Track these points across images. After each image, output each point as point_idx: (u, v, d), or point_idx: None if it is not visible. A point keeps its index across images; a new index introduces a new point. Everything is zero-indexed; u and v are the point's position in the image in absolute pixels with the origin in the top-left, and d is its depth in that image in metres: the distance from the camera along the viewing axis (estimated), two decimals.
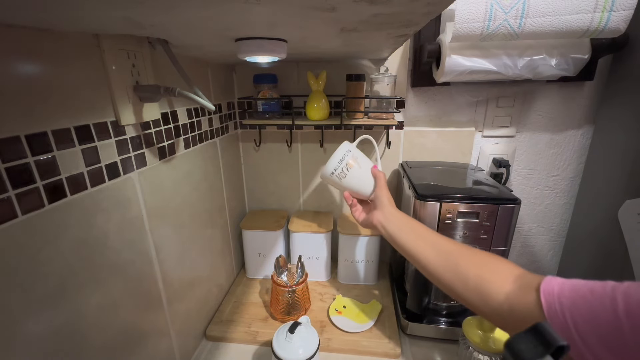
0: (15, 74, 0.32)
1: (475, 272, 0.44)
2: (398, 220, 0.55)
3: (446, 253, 0.48)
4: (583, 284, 0.33)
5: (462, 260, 0.46)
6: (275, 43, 0.43)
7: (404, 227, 0.54)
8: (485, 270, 0.43)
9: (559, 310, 0.33)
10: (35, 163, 0.33)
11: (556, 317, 0.33)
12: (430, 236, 0.51)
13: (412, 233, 0.52)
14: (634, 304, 0.28)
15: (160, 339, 0.56)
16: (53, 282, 0.35)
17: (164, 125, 0.56)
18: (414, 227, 0.53)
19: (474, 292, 0.43)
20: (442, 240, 0.50)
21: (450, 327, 0.68)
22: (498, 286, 0.41)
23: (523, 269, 0.42)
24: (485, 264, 0.45)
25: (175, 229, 0.59)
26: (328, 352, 0.67)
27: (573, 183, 0.86)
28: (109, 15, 0.30)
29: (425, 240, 0.51)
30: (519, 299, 0.38)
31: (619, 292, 0.30)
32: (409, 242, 0.52)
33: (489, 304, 0.41)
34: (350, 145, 0.65)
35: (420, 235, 0.52)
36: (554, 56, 0.65)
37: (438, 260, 0.48)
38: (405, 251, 0.52)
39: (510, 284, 0.40)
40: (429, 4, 0.28)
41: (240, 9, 0.28)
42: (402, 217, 0.55)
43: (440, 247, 0.49)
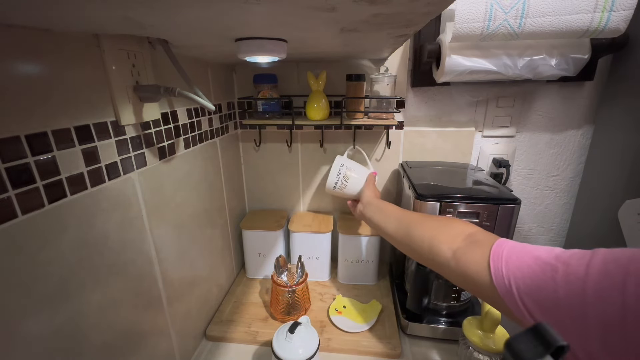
0: (16, 74, 0.32)
1: (428, 233, 0.47)
2: (373, 206, 0.63)
3: (407, 223, 0.53)
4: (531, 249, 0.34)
5: (419, 225, 0.50)
6: (275, 43, 0.43)
7: (377, 210, 0.62)
8: (437, 230, 0.47)
9: (504, 273, 0.34)
10: (35, 163, 0.33)
11: (501, 280, 0.34)
12: (397, 213, 0.57)
13: (381, 213, 0.60)
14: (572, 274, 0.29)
15: (160, 339, 0.56)
16: (53, 282, 0.35)
17: (164, 125, 0.56)
18: (385, 208, 0.61)
19: (426, 250, 0.46)
20: (407, 213, 0.56)
21: (450, 327, 0.68)
22: (447, 243, 0.44)
23: (479, 228, 0.45)
24: (439, 224, 0.48)
25: (175, 229, 0.59)
26: (328, 352, 0.67)
27: (573, 183, 0.86)
28: (109, 15, 0.30)
29: (392, 217, 0.57)
30: (465, 254, 0.40)
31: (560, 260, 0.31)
32: (379, 220, 0.59)
33: (438, 259, 0.44)
34: (343, 159, 0.76)
35: (387, 213, 0.59)
36: (554, 56, 0.65)
37: (400, 230, 0.53)
38: (378, 229, 0.60)
39: (460, 241, 0.43)
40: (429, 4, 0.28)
41: (240, 9, 0.28)
42: (378, 203, 0.63)
43: (403, 220, 0.54)
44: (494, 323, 0.55)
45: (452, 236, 0.44)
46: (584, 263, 0.29)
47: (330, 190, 0.76)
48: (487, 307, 0.56)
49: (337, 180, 0.73)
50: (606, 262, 0.27)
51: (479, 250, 0.39)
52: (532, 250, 0.34)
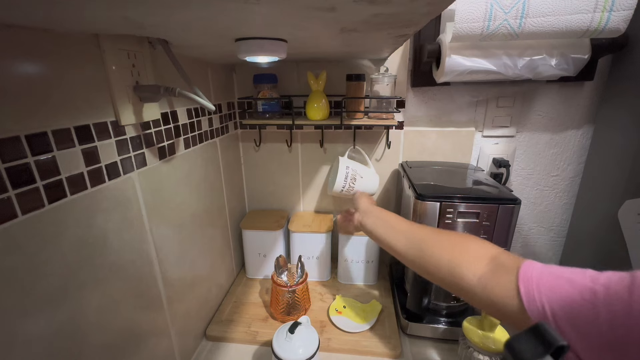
0: (16, 74, 0.32)
1: (447, 255, 0.44)
2: (374, 216, 0.57)
3: (418, 241, 0.49)
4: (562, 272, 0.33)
5: (435, 245, 0.46)
6: (275, 43, 0.43)
7: (378, 221, 0.56)
8: (457, 252, 0.44)
9: (537, 297, 0.33)
10: (35, 163, 0.33)
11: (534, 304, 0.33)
12: (402, 226, 0.53)
13: (386, 225, 0.54)
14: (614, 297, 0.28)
15: (160, 339, 0.56)
16: (53, 282, 0.35)
17: (164, 125, 0.56)
18: (388, 219, 0.55)
19: (447, 274, 0.43)
20: (414, 228, 0.51)
21: (450, 327, 0.68)
22: (471, 268, 0.41)
23: (500, 249, 0.42)
24: (457, 245, 0.45)
25: (175, 229, 0.59)
26: (328, 352, 0.67)
27: (573, 183, 0.86)
28: (109, 15, 0.30)
29: (397, 231, 0.52)
30: (492, 281, 0.38)
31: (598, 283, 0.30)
32: (384, 234, 0.54)
33: (462, 285, 0.41)
34: (347, 161, 0.75)
35: (393, 226, 0.54)
36: (554, 56, 0.65)
37: (413, 249, 0.49)
38: (382, 243, 0.54)
39: (484, 265, 0.40)
40: (429, 4, 0.28)
41: (240, 9, 0.28)
42: (378, 212, 0.58)
43: (412, 235, 0.50)
44: (494, 323, 0.55)
45: (474, 259, 0.42)
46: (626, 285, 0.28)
47: (336, 193, 0.76)
48: None
49: (345, 184, 0.74)
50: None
51: (506, 275, 0.37)
52: (563, 272, 0.33)
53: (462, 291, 0.42)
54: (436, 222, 0.62)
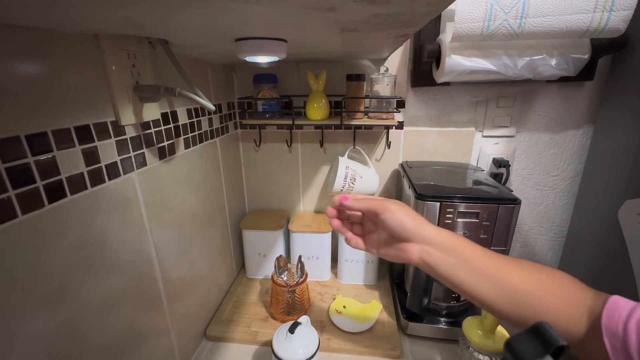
0: (16, 74, 0.32)
1: (552, 314, 0.37)
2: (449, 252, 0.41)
3: (513, 293, 0.39)
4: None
5: (536, 299, 0.38)
6: (275, 43, 0.43)
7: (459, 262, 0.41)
8: (560, 309, 0.37)
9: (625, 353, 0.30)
10: (35, 163, 0.33)
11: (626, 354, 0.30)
12: (489, 270, 0.40)
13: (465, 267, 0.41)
14: None
15: (160, 339, 0.56)
16: (53, 282, 0.35)
17: (164, 125, 0.56)
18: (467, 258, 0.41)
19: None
20: (504, 273, 0.40)
21: (450, 327, 0.68)
22: (573, 328, 0.36)
23: (591, 293, 0.37)
24: (561, 300, 0.38)
25: (175, 229, 0.59)
26: (328, 352, 0.67)
27: (573, 183, 0.86)
28: (109, 15, 0.30)
29: (483, 277, 0.40)
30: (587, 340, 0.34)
31: None
32: (467, 282, 0.40)
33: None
34: (347, 161, 0.75)
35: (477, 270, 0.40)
36: (554, 56, 0.65)
37: (503, 300, 0.39)
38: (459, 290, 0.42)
39: (584, 323, 0.35)
40: (429, 4, 0.28)
41: (240, 9, 0.28)
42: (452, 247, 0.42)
43: (505, 286, 0.39)
44: (494, 323, 0.55)
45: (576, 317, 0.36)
46: None
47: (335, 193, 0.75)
48: None
49: (345, 184, 0.74)
50: None
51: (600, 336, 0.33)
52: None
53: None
54: (436, 222, 0.62)
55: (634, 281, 0.63)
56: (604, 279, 0.72)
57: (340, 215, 0.49)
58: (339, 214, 0.49)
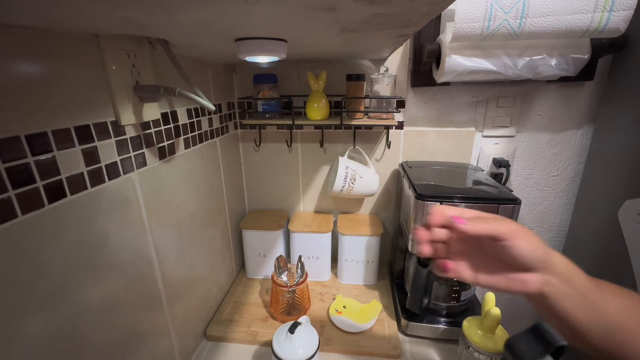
0: (16, 74, 0.32)
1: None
2: (561, 279, 0.35)
3: (610, 323, 0.34)
4: None
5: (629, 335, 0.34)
6: (275, 43, 0.43)
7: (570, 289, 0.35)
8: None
9: None
10: (35, 163, 0.33)
11: None
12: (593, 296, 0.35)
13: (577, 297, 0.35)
14: None
15: (160, 339, 0.56)
16: (53, 282, 0.35)
17: (164, 125, 0.56)
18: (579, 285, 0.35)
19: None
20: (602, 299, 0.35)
21: (450, 327, 0.68)
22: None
23: None
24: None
25: (175, 229, 0.59)
26: (328, 352, 0.67)
27: (573, 183, 0.86)
28: (109, 15, 0.30)
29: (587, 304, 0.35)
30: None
31: None
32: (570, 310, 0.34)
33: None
34: (347, 161, 0.75)
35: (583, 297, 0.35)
36: (554, 56, 0.65)
37: (599, 333, 0.34)
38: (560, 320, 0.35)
39: None
40: (429, 4, 0.28)
41: (240, 9, 0.28)
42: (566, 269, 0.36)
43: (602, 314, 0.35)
44: (494, 323, 0.55)
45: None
46: None
47: (336, 194, 0.75)
48: (487, 307, 0.56)
49: (345, 184, 0.74)
50: None
51: None
52: None
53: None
54: None
55: (634, 281, 0.63)
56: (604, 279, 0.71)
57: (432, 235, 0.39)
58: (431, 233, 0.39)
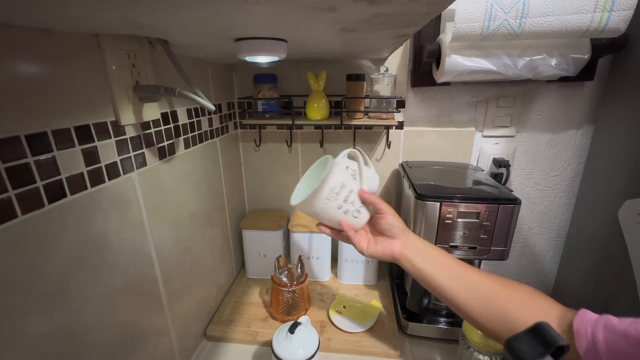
0: (15, 74, 0.32)
1: (523, 317, 0.40)
2: (424, 252, 0.49)
3: (486, 294, 0.44)
4: (615, 325, 0.33)
5: (507, 303, 0.42)
6: (275, 43, 0.43)
7: (432, 261, 0.48)
8: (533, 314, 0.40)
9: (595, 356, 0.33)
10: (35, 163, 0.33)
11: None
12: (463, 272, 0.46)
13: (443, 269, 0.47)
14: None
15: (160, 339, 0.56)
16: (53, 282, 0.35)
17: (164, 125, 0.56)
18: (443, 261, 0.48)
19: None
20: (476, 276, 0.45)
21: (450, 327, 0.68)
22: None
23: (560, 306, 0.41)
24: (531, 304, 0.42)
25: (175, 229, 0.59)
26: (328, 352, 0.67)
27: (573, 183, 0.86)
28: (109, 15, 0.30)
29: (458, 279, 0.46)
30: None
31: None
32: (439, 280, 0.46)
33: None
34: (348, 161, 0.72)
35: (451, 271, 0.46)
36: (554, 56, 0.65)
37: (478, 303, 0.43)
38: (434, 289, 0.47)
39: (557, 328, 0.37)
40: (429, 4, 0.28)
41: (240, 9, 0.28)
42: (428, 248, 0.50)
43: (477, 287, 0.44)
44: None
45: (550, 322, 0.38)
46: None
47: None
48: None
49: None
50: None
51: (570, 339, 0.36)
52: (616, 325, 0.33)
53: None
54: (436, 222, 0.62)
55: (634, 281, 0.63)
56: (604, 279, 0.72)
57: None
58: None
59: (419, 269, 0.48)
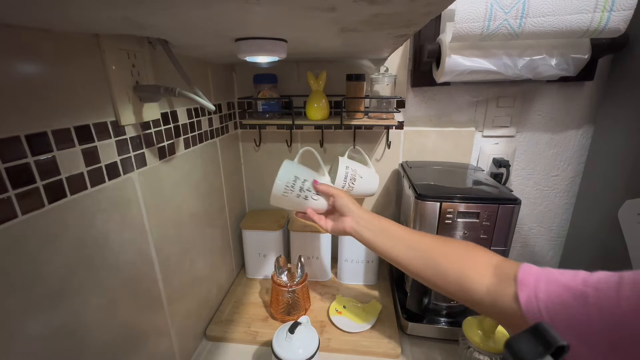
0: (16, 74, 0.32)
1: (455, 267, 0.45)
2: (370, 224, 0.54)
3: (424, 251, 0.48)
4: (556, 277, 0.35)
5: (441, 256, 0.47)
6: (275, 43, 0.43)
7: (377, 230, 0.53)
8: (464, 265, 0.44)
9: (535, 305, 0.35)
10: (35, 163, 0.33)
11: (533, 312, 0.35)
12: (405, 236, 0.51)
13: (387, 236, 0.52)
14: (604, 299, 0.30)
15: (160, 339, 0.56)
16: (53, 282, 0.35)
17: (164, 125, 0.56)
18: (387, 228, 0.53)
19: (455, 286, 0.44)
20: (417, 237, 0.50)
21: (450, 327, 0.68)
22: (478, 280, 0.42)
23: (499, 257, 0.44)
24: (463, 256, 0.46)
25: (175, 229, 0.59)
26: (328, 352, 0.67)
27: (573, 183, 0.86)
28: (109, 15, 0.30)
29: (400, 242, 0.51)
30: (499, 292, 0.39)
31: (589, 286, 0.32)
32: (385, 245, 0.52)
33: (472, 297, 0.42)
34: (347, 161, 0.74)
35: (395, 237, 0.52)
36: (554, 56, 0.65)
37: (417, 260, 0.48)
38: (382, 254, 0.53)
39: (490, 276, 0.41)
40: (429, 4, 0.28)
41: (240, 9, 0.28)
42: (374, 220, 0.54)
43: (417, 246, 0.49)
44: (494, 323, 0.55)
45: (480, 271, 0.42)
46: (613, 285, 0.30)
47: None
48: None
49: (345, 184, 0.73)
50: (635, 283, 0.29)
51: (508, 285, 0.38)
52: (558, 277, 0.35)
53: (470, 302, 0.43)
54: (436, 222, 0.62)
55: None
56: None
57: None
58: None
59: (366, 239, 0.53)
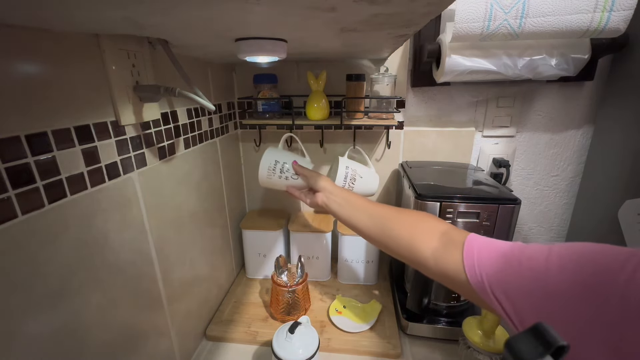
0: (16, 74, 0.32)
1: (406, 233, 0.48)
2: (338, 197, 0.59)
3: (380, 218, 0.52)
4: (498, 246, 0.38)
5: (395, 224, 0.50)
6: (275, 43, 0.43)
7: (343, 202, 0.58)
8: (414, 230, 0.48)
9: (477, 271, 0.38)
10: (35, 163, 0.33)
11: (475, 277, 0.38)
12: (366, 206, 0.56)
13: (350, 206, 0.57)
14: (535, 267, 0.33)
15: (160, 339, 0.56)
16: (53, 282, 0.35)
17: (164, 125, 0.56)
18: (352, 200, 0.58)
19: (405, 250, 0.48)
20: (377, 207, 0.55)
21: (450, 327, 0.68)
22: (425, 242, 0.45)
23: (450, 225, 0.47)
24: (414, 223, 0.49)
25: (175, 229, 0.59)
26: (328, 352, 0.67)
27: (573, 183, 0.86)
28: (109, 15, 0.30)
29: (361, 211, 0.55)
30: (443, 255, 0.42)
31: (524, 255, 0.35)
32: (348, 215, 0.57)
33: (418, 258, 0.46)
34: (347, 161, 0.74)
35: (357, 207, 0.56)
36: (554, 56, 0.65)
37: (374, 226, 0.53)
38: (346, 223, 0.57)
39: (436, 240, 0.44)
40: (429, 4, 0.28)
41: (240, 9, 0.28)
42: (341, 193, 0.60)
43: (374, 214, 0.53)
44: (494, 323, 0.55)
45: (427, 235, 0.46)
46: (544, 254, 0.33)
47: None
48: None
49: (345, 184, 0.73)
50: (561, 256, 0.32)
51: (455, 250, 0.41)
52: (499, 246, 0.38)
53: (419, 265, 0.47)
54: None
55: None
56: None
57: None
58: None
59: (333, 210, 0.59)
